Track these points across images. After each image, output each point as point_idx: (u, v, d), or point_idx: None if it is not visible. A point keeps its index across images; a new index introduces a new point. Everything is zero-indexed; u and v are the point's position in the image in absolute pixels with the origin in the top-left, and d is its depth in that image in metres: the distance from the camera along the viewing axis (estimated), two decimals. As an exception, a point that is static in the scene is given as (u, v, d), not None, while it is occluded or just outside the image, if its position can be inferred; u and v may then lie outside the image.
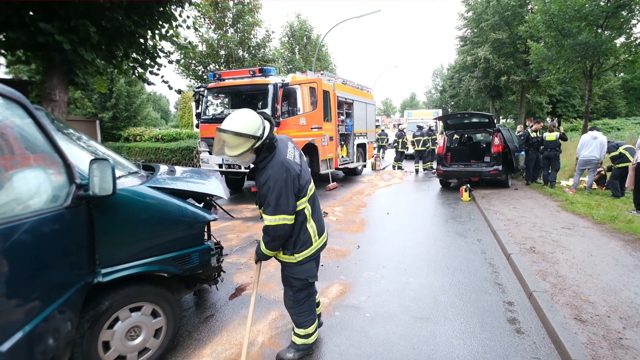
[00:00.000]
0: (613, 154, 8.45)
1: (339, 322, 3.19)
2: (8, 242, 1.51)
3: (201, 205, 3.15)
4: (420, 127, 14.72)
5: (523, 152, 10.23)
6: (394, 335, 2.99)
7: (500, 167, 9.12)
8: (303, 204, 2.30)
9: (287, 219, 2.19)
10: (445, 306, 3.46)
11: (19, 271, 1.56)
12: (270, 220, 2.17)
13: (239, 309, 3.44)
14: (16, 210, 1.61)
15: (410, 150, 19.26)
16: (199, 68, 16.68)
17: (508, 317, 3.26)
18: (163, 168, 3.38)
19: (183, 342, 2.89)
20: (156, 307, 2.49)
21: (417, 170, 14.26)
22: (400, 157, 15.51)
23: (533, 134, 9.85)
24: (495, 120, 10.26)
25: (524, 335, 2.98)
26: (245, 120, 2.11)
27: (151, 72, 6.26)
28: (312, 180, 2.42)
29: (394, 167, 15.41)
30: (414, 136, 14.53)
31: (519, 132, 12.76)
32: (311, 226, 2.38)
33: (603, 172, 9.45)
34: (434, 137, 14.38)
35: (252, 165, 2.31)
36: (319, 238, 2.45)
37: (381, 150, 17.66)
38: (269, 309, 3.41)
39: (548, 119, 34.60)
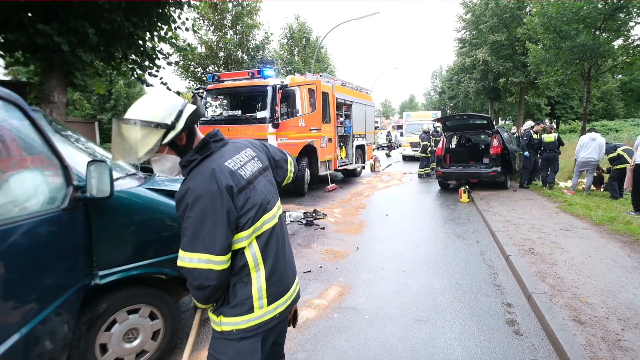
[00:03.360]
0: (611, 155, 8.48)
1: (338, 324, 3.18)
2: (5, 244, 1.50)
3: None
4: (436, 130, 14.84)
5: (527, 153, 9.97)
6: (393, 337, 2.98)
7: (499, 169, 9.13)
8: (244, 241, 1.37)
9: (214, 262, 1.29)
10: (444, 308, 3.46)
11: (15, 273, 1.56)
12: (184, 259, 1.30)
13: (238, 311, 3.43)
14: (13, 212, 1.61)
15: (409, 152, 19.36)
16: (198, 69, 16.73)
17: (507, 318, 3.26)
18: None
19: (181, 345, 2.88)
20: (154, 309, 2.48)
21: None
22: (428, 163, 13.15)
23: (534, 136, 9.82)
24: (494, 122, 10.26)
25: (523, 336, 2.97)
26: (152, 103, 1.35)
27: (150, 74, 6.26)
28: (274, 206, 1.52)
29: (429, 174, 13.06)
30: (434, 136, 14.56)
31: (513, 133, 12.74)
32: (257, 278, 1.40)
33: (596, 174, 9.45)
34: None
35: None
36: (268, 304, 1.43)
37: (387, 149, 17.73)
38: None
39: (547, 120, 34.70)
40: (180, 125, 1.35)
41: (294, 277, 1.61)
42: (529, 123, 10.36)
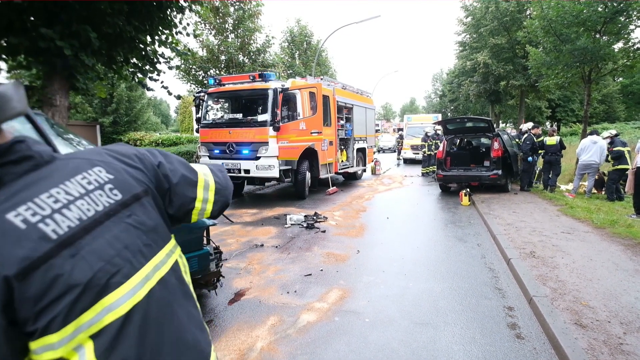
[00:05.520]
0: (619, 147, 8.30)
1: (339, 328, 3.17)
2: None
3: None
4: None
5: (531, 158, 9.72)
6: (394, 340, 2.97)
7: (499, 172, 9.13)
8: (57, 349, 0.67)
9: None
10: (445, 311, 3.45)
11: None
12: None
13: (238, 314, 3.42)
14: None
15: (410, 155, 19.37)
16: (200, 73, 16.79)
17: (508, 322, 3.25)
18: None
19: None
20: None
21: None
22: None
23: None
24: (494, 125, 10.25)
25: (524, 340, 2.96)
26: None
27: (151, 78, 6.28)
28: (137, 271, 0.78)
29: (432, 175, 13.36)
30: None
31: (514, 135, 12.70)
32: None
33: (597, 176, 9.42)
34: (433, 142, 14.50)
35: None
36: None
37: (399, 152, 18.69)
38: (268, 314, 3.39)
39: (547, 123, 34.72)
40: None
41: None
42: (527, 126, 10.30)
